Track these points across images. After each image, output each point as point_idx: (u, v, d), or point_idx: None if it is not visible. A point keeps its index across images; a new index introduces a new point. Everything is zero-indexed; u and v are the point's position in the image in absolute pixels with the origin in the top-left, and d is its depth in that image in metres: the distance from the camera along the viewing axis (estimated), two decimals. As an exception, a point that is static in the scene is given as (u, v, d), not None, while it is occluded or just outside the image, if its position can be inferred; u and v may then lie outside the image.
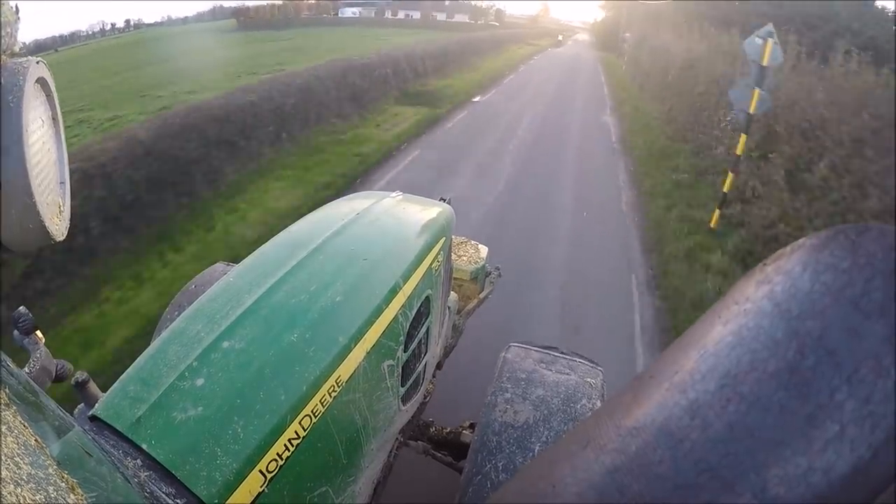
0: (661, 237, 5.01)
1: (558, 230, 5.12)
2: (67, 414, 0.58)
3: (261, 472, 0.83)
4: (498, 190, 6.00)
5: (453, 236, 1.91)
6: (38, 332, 1.01)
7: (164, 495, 0.72)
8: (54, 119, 0.66)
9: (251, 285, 1.12)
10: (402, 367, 1.33)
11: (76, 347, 3.32)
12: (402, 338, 1.28)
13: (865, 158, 4.42)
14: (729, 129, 6.32)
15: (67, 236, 0.64)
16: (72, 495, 0.38)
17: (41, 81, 0.59)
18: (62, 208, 0.65)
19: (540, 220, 5.30)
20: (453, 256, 2.20)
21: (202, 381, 0.88)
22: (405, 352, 1.33)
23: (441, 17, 44.89)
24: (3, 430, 0.37)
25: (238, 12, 37.60)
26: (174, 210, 5.11)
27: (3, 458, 0.34)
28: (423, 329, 1.47)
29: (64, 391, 1.01)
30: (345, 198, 1.77)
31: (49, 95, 0.63)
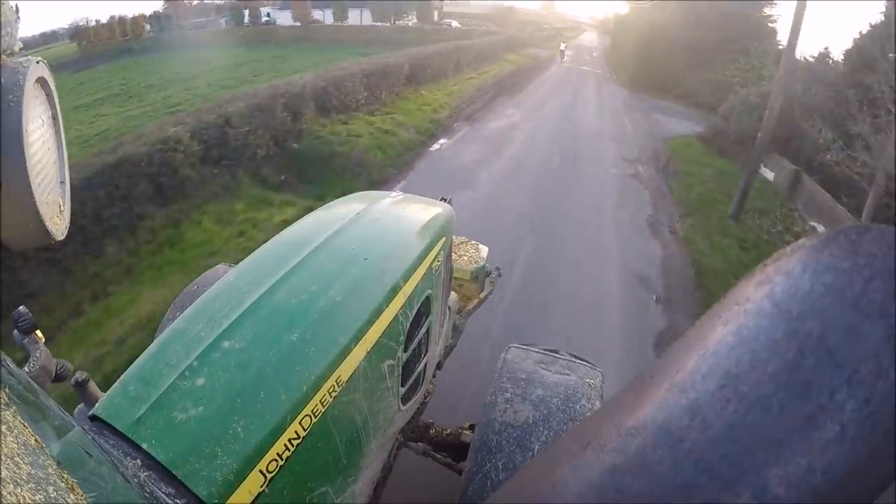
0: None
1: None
2: (67, 414, 0.58)
3: (261, 472, 0.83)
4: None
5: (454, 236, 1.91)
6: (38, 332, 1.01)
7: (164, 495, 0.72)
8: (54, 119, 0.66)
9: (251, 285, 1.11)
10: (403, 367, 1.33)
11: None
12: (402, 338, 1.28)
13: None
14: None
15: None
16: (71, 495, 0.38)
17: (41, 81, 0.59)
18: (62, 208, 0.65)
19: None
20: (453, 256, 2.20)
21: (202, 381, 0.88)
22: (405, 352, 1.33)
23: (350, 19, 28.21)
24: (3, 430, 0.37)
25: (77, 33, 28.40)
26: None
27: (3, 457, 0.34)
28: (424, 329, 1.47)
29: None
30: (345, 198, 1.77)
31: (49, 95, 0.63)
